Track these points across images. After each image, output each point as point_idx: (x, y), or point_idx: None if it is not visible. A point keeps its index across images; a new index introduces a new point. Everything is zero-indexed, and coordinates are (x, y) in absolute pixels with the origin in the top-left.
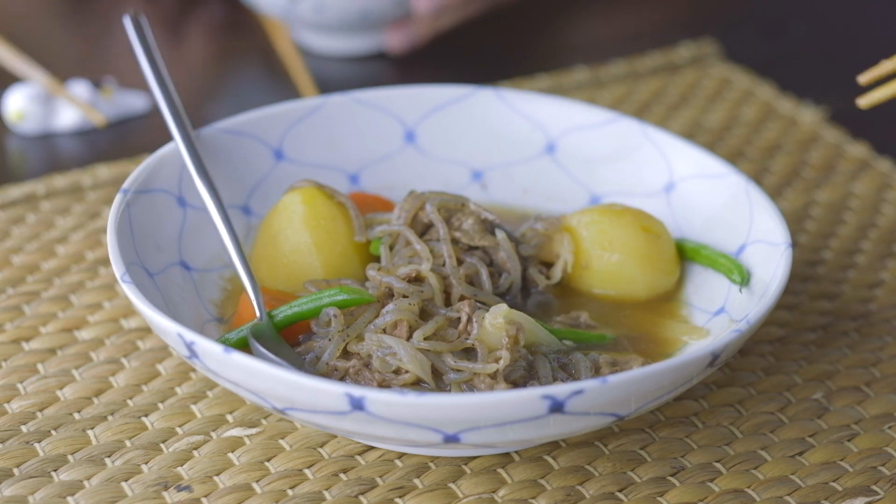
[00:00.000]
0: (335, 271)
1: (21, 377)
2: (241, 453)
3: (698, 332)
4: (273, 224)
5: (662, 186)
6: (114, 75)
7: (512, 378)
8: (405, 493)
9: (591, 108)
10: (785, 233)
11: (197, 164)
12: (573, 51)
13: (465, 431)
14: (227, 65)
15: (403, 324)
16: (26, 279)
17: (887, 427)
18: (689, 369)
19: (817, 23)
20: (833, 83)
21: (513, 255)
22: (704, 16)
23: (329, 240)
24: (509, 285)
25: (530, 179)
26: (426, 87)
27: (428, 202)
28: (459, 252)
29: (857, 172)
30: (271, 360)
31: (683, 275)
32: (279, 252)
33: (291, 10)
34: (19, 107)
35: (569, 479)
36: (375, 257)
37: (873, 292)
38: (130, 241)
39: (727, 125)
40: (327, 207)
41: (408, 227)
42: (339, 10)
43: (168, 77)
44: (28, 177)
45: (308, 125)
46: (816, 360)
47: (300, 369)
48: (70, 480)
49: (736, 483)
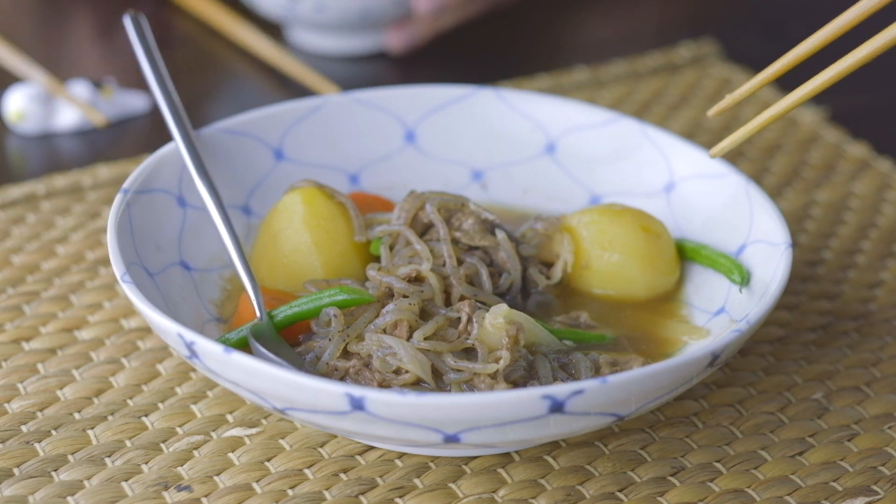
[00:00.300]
0: (335, 271)
1: (21, 377)
2: (241, 453)
3: (698, 332)
4: (273, 224)
5: (662, 186)
6: (114, 75)
7: (512, 378)
8: (405, 493)
9: (591, 108)
10: (785, 233)
11: (197, 164)
12: (573, 51)
13: (465, 431)
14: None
15: (403, 324)
16: (26, 279)
17: (887, 427)
18: (689, 369)
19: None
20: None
21: (513, 255)
22: (704, 16)
23: (329, 240)
24: (509, 285)
25: (530, 179)
26: (426, 87)
27: (428, 202)
28: (459, 252)
29: (857, 172)
30: (271, 360)
31: (683, 275)
32: (279, 252)
33: (291, 10)
34: (19, 107)
35: (569, 479)
36: (375, 257)
37: (873, 292)
38: (130, 241)
39: (727, 125)
40: (327, 207)
41: (408, 227)
42: (339, 10)
43: (168, 77)
44: (28, 177)
45: (308, 125)
46: (816, 360)
47: (300, 369)
48: (70, 480)
49: (736, 483)
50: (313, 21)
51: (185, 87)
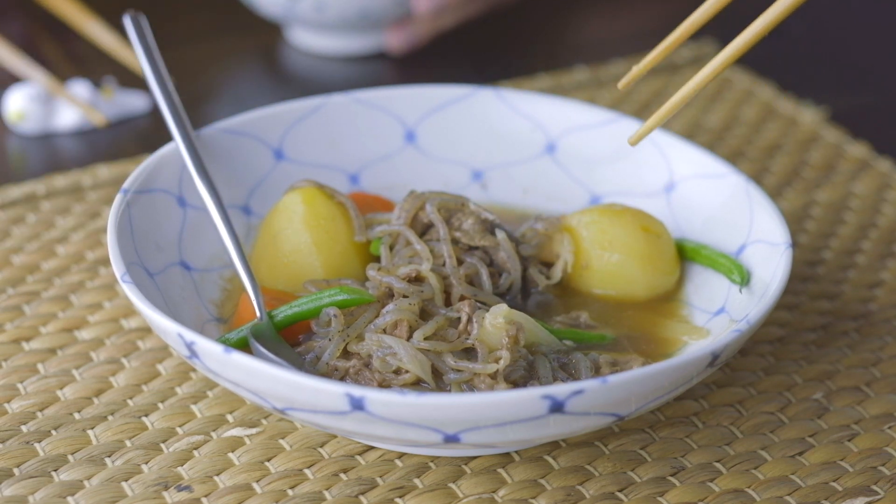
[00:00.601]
0: (335, 271)
1: (21, 377)
2: (241, 453)
3: (698, 332)
4: (273, 224)
5: (662, 186)
6: (114, 75)
7: (512, 378)
8: (405, 493)
9: (591, 108)
10: (785, 233)
11: (197, 163)
12: (573, 51)
13: (466, 431)
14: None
15: (403, 324)
16: (26, 279)
17: (887, 427)
18: (689, 369)
19: (817, 23)
20: (833, 83)
21: (513, 255)
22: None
23: (329, 240)
24: (509, 285)
25: (530, 179)
26: (426, 87)
27: (428, 202)
28: (459, 252)
29: (857, 172)
30: (271, 360)
31: (683, 275)
32: (279, 252)
33: (291, 10)
34: (19, 107)
35: (569, 479)
36: (375, 257)
37: (873, 292)
38: (130, 241)
39: (727, 125)
40: (327, 207)
41: (408, 227)
42: (339, 10)
43: (168, 77)
44: (28, 177)
45: (308, 125)
46: (816, 360)
47: (300, 369)
48: (70, 480)
49: (736, 483)
50: (313, 21)
51: (185, 87)
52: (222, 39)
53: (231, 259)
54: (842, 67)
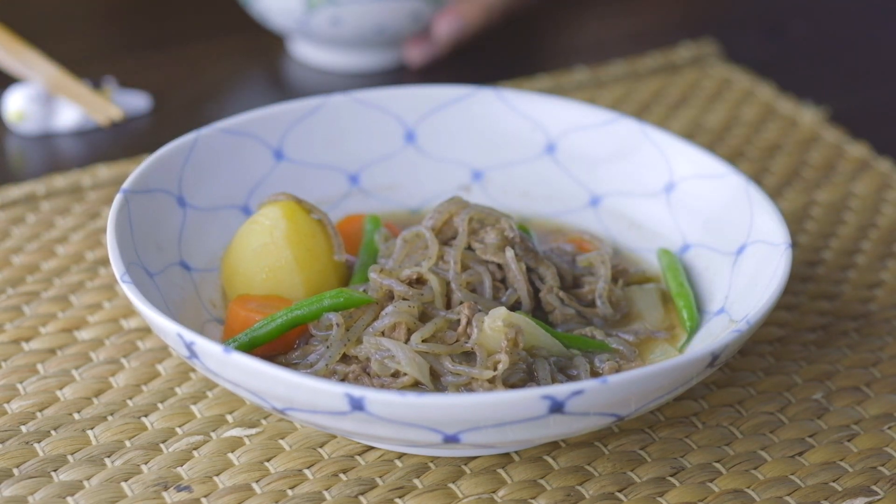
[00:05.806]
0: (315, 288)
1: (21, 377)
2: (240, 453)
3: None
4: (252, 237)
5: (662, 186)
6: (114, 75)
7: (511, 382)
8: (405, 494)
9: (591, 108)
10: (785, 233)
11: None
12: (573, 51)
13: (465, 432)
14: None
15: (402, 326)
16: (26, 279)
17: (887, 427)
18: (689, 369)
19: (817, 23)
20: (833, 83)
21: (520, 276)
22: (704, 16)
23: (310, 257)
24: (514, 301)
25: (530, 179)
26: (426, 87)
27: (463, 210)
28: (472, 261)
29: (857, 172)
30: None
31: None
32: (259, 266)
33: (306, 23)
34: (19, 107)
35: (569, 479)
36: (350, 277)
37: (873, 292)
38: (130, 241)
39: (727, 125)
40: (308, 224)
41: (428, 229)
42: (355, 23)
43: None
44: (28, 177)
45: (308, 125)
46: (816, 360)
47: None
48: (70, 480)
49: (736, 483)
50: (328, 35)
51: (185, 87)
52: (226, 61)
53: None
54: (842, 67)
